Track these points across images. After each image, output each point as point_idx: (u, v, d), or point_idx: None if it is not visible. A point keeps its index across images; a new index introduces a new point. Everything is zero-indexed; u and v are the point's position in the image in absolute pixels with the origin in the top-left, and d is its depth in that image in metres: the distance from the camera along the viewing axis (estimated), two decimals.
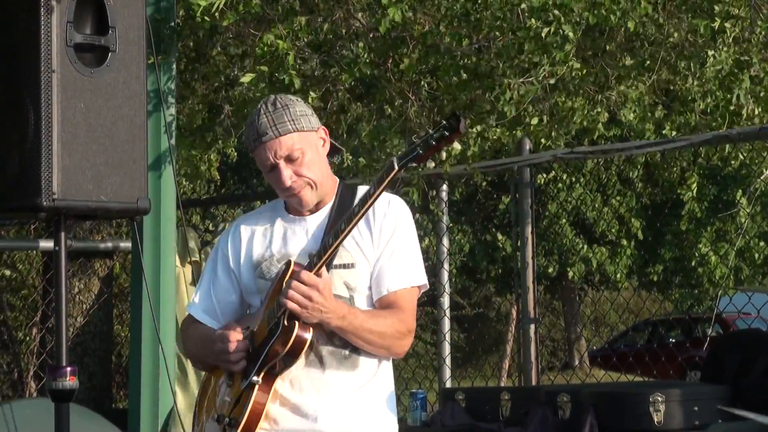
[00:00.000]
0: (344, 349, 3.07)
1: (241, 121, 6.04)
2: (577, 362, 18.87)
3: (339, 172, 5.89)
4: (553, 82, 5.31)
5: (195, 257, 6.37)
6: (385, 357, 3.15)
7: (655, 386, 4.88)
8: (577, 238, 16.34)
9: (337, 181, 3.25)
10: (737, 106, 5.51)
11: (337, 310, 2.99)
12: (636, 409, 4.48)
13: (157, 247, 5.56)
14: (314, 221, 3.17)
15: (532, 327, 6.02)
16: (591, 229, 16.29)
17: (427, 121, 5.73)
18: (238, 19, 5.45)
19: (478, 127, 5.78)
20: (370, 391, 3.11)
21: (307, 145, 3.11)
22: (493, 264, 17.55)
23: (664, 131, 6.18)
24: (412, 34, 5.39)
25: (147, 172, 3.85)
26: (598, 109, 5.73)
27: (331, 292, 3.00)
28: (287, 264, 3.07)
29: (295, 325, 2.96)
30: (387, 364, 3.17)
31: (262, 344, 3.03)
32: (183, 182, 9.18)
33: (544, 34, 5.03)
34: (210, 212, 10.12)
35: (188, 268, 6.33)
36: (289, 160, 3.09)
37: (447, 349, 6.44)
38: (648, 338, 19.95)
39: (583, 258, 16.28)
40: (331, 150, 3.24)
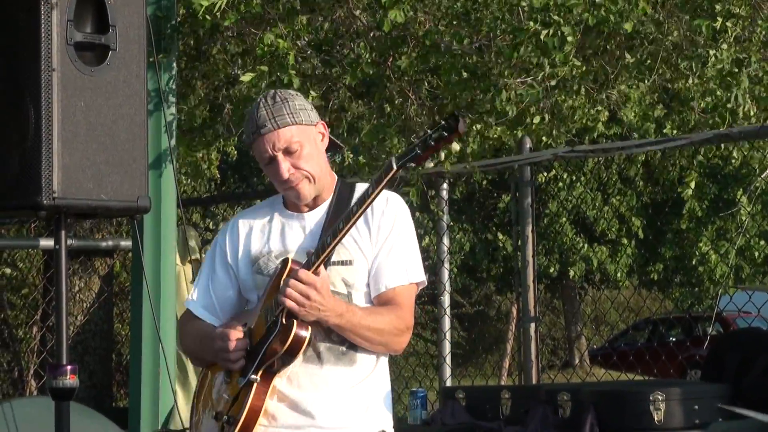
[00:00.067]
0: (342, 345, 3.07)
1: (241, 120, 6.03)
2: (578, 361, 18.87)
3: (340, 171, 5.89)
4: (554, 83, 5.31)
5: (195, 256, 6.37)
6: (382, 353, 3.15)
7: (655, 385, 4.88)
8: (578, 237, 16.30)
9: (336, 177, 3.24)
10: (735, 105, 5.51)
11: (335, 308, 2.98)
12: (636, 408, 4.48)
13: (158, 246, 5.56)
14: (312, 218, 3.16)
15: (533, 326, 6.02)
16: (591, 228, 16.26)
17: (427, 120, 5.73)
18: (239, 18, 5.45)
19: (478, 126, 5.77)
20: (367, 387, 3.11)
21: (305, 139, 3.10)
22: (494, 263, 17.53)
23: (665, 130, 6.18)
24: (412, 34, 5.38)
25: (147, 171, 3.86)
26: (599, 108, 5.72)
27: (329, 290, 2.99)
28: (284, 261, 3.06)
29: (294, 323, 2.96)
30: (384, 360, 3.17)
31: (260, 342, 3.03)
32: (183, 181, 9.17)
33: (543, 36, 5.02)
34: (210, 211, 10.11)
35: (189, 267, 6.33)
36: (288, 152, 3.08)
37: (447, 347, 6.44)
38: (648, 337, 19.93)
39: (584, 257, 16.25)
40: (331, 146, 3.23)
